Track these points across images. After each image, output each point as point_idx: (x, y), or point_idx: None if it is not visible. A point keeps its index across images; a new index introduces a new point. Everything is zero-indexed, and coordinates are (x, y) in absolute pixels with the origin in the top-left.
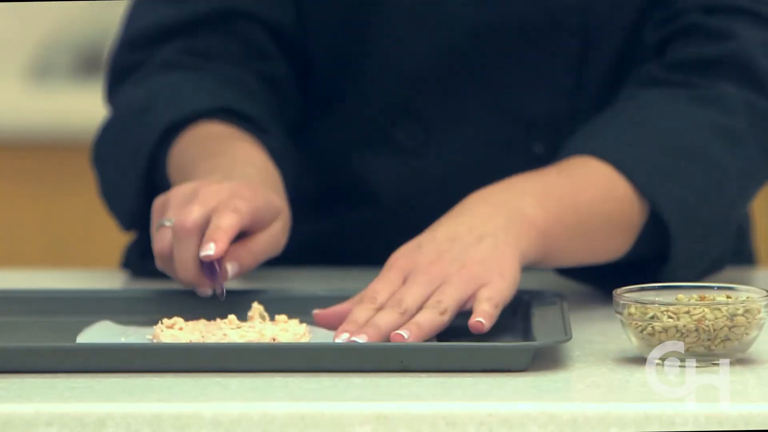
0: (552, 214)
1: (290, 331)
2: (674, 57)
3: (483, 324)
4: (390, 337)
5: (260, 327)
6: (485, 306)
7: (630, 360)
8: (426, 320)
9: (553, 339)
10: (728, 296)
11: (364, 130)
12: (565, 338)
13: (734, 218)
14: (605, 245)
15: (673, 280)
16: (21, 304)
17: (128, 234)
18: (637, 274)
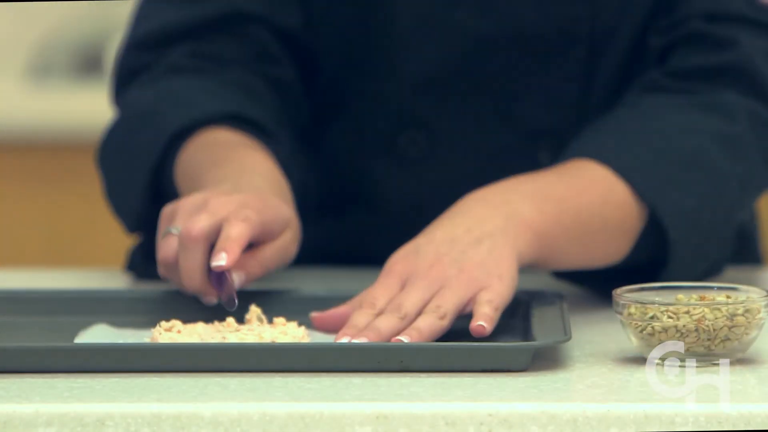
0: (550, 216)
1: (289, 334)
2: (677, 64)
3: (484, 327)
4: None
5: (259, 330)
6: (486, 309)
7: (630, 360)
8: (426, 325)
9: (553, 339)
10: (728, 296)
11: (370, 138)
12: (565, 338)
13: (733, 224)
14: (603, 248)
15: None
16: (21, 304)
17: (131, 236)
18: (635, 278)
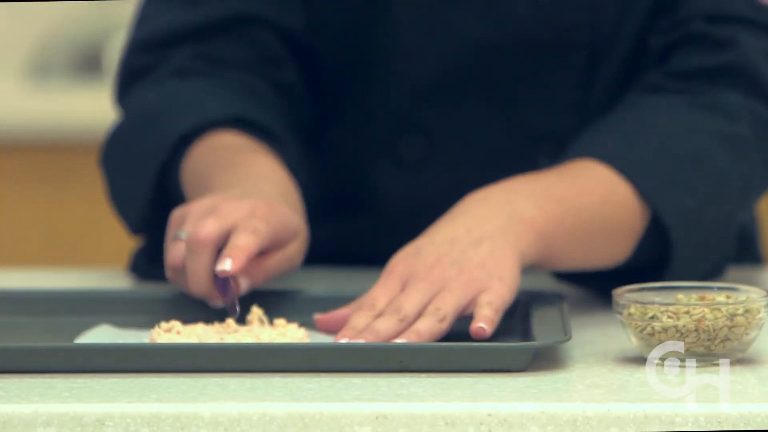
0: (552, 216)
1: (288, 336)
2: (677, 65)
3: (485, 330)
4: None
5: (258, 331)
6: (486, 311)
7: (630, 360)
8: (425, 327)
9: (553, 339)
10: (728, 296)
11: (371, 142)
12: (565, 338)
13: (735, 224)
14: (605, 249)
15: None
16: (21, 304)
17: (133, 237)
18: (636, 279)
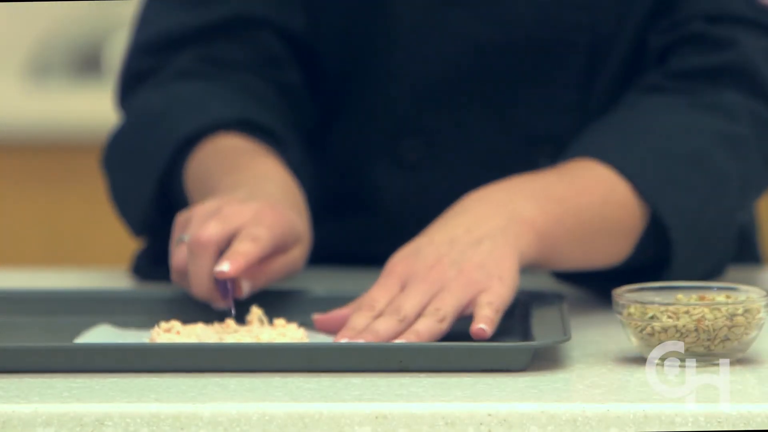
0: (551, 216)
1: (288, 336)
2: (677, 65)
3: (485, 331)
4: None
5: (257, 332)
6: (486, 311)
7: (630, 360)
8: (425, 328)
9: (553, 339)
10: (728, 296)
11: (371, 142)
12: (565, 338)
13: (734, 224)
14: (605, 249)
15: None
16: (21, 304)
17: (135, 238)
18: (636, 279)
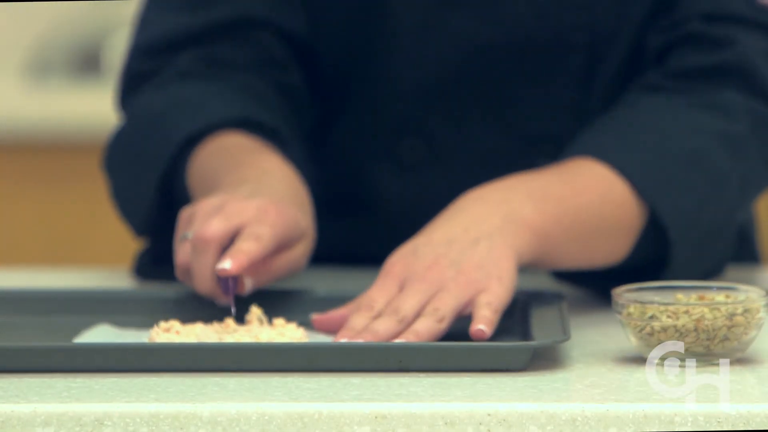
0: (549, 216)
1: (287, 336)
2: (676, 65)
3: (484, 331)
4: None
5: (256, 331)
6: (485, 312)
7: (629, 360)
8: (424, 328)
9: (552, 339)
10: (727, 296)
11: (371, 143)
12: (564, 338)
13: (734, 224)
14: (603, 248)
15: None
16: (20, 304)
17: (137, 238)
18: (635, 278)
